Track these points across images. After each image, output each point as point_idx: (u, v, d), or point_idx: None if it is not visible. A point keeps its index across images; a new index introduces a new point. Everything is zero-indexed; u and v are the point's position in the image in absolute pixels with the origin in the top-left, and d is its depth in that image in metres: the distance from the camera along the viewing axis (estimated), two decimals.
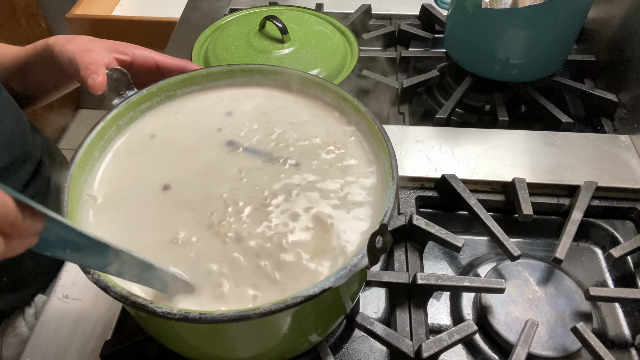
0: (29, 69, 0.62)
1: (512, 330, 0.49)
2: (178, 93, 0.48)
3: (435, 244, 0.58)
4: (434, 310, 0.54)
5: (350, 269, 0.32)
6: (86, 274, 0.32)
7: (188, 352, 0.41)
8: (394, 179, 0.38)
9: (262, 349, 0.39)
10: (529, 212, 0.56)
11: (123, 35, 1.25)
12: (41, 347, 0.48)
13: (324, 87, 0.47)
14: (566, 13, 0.64)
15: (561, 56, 0.71)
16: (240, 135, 0.46)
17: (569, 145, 0.65)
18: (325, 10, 0.89)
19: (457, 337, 0.46)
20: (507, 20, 0.65)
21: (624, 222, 0.60)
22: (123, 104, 0.44)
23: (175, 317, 0.30)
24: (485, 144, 0.65)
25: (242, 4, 0.92)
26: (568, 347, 0.48)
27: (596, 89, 0.73)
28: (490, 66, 0.71)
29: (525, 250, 0.58)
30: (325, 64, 0.67)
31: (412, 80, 0.75)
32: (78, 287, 0.52)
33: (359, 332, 0.50)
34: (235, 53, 0.68)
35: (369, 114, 0.43)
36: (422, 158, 0.63)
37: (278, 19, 0.68)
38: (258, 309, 0.30)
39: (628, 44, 0.71)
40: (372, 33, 0.84)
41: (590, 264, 0.58)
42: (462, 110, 0.77)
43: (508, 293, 0.52)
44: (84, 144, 0.41)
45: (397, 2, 0.93)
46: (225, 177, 0.42)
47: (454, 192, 0.58)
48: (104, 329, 0.49)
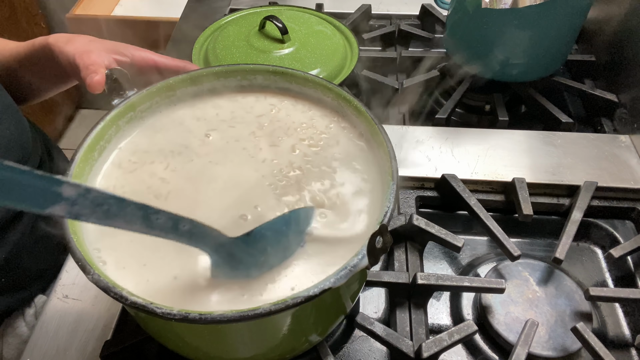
0: (26, 64, 0.62)
1: (512, 330, 0.49)
2: (178, 93, 0.48)
3: (435, 244, 0.58)
4: (434, 310, 0.54)
5: (350, 270, 0.32)
6: (86, 274, 0.32)
7: (188, 352, 0.41)
8: (394, 179, 0.38)
9: (262, 349, 0.39)
10: (529, 212, 0.56)
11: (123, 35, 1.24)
12: (41, 347, 0.48)
13: (324, 87, 0.47)
14: (566, 13, 0.64)
15: (561, 56, 0.71)
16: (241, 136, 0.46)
17: (569, 145, 0.65)
18: (325, 10, 0.88)
19: (457, 337, 0.46)
20: (507, 20, 0.65)
21: (624, 222, 0.60)
22: (123, 104, 0.44)
23: (175, 317, 0.30)
24: (485, 144, 0.65)
25: (242, 4, 0.92)
26: (568, 347, 0.48)
27: (596, 89, 0.73)
28: (490, 66, 0.71)
29: (525, 250, 0.58)
30: (325, 64, 0.67)
31: (412, 80, 0.75)
32: (78, 287, 0.52)
33: (359, 332, 0.50)
34: (235, 53, 0.68)
35: (369, 114, 0.43)
36: (422, 158, 0.63)
37: (278, 19, 0.68)
38: (258, 309, 0.30)
39: (628, 44, 0.71)
40: (372, 33, 0.84)
41: (590, 264, 0.58)
42: (462, 110, 0.77)
43: (508, 293, 0.52)
44: (84, 144, 0.41)
45: (397, 2, 0.93)
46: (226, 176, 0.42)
47: (454, 192, 0.58)
48: (104, 329, 0.49)
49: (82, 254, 0.33)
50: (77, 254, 0.33)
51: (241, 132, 0.46)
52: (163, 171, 0.43)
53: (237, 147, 0.45)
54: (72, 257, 0.33)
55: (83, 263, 0.32)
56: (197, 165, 0.44)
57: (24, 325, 0.62)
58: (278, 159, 0.44)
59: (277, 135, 0.46)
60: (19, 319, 0.62)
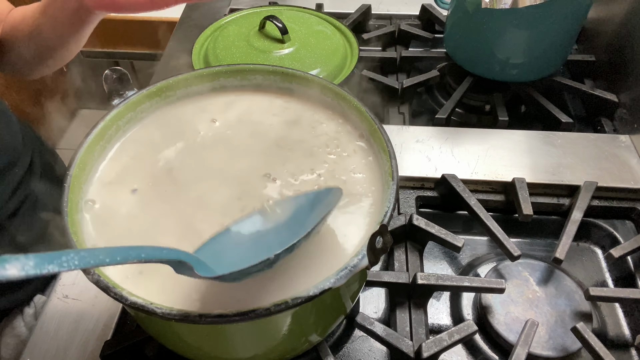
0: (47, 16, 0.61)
1: (512, 330, 0.49)
2: (178, 93, 0.48)
3: (435, 244, 0.58)
4: (434, 310, 0.54)
5: (350, 270, 0.32)
6: (86, 275, 0.32)
7: (188, 352, 0.41)
8: (394, 179, 0.38)
9: (262, 349, 0.39)
10: (529, 212, 0.56)
11: (123, 35, 1.25)
12: (41, 347, 0.48)
13: (324, 87, 0.47)
14: (566, 13, 0.64)
15: (561, 56, 0.71)
16: (241, 135, 0.46)
17: (569, 145, 0.65)
18: (325, 10, 0.88)
19: (457, 337, 0.46)
20: (507, 20, 0.65)
21: (624, 222, 0.60)
22: (123, 104, 0.44)
23: (175, 317, 0.30)
24: (485, 144, 0.65)
25: (242, 4, 0.92)
26: (568, 347, 0.48)
27: (596, 89, 0.73)
28: (490, 66, 0.71)
29: (525, 250, 0.58)
30: (325, 64, 0.67)
31: (412, 80, 0.75)
32: (78, 287, 0.52)
33: (359, 332, 0.50)
34: (235, 53, 0.68)
35: (369, 114, 0.43)
36: (422, 158, 0.63)
37: (278, 19, 0.68)
38: (258, 309, 0.30)
39: (628, 44, 0.71)
40: (372, 33, 0.84)
41: (590, 264, 0.58)
42: (462, 110, 0.77)
43: (508, 293, 0.52)
44: (84, 144, 0.41)
45: (397, 2, 0.93)
46: (226, 175, 0.42)
47: (454, 192, 0.58)
48: (104, 329, 0.49)
49: None
50: None
51: (241, 132, 0.46)
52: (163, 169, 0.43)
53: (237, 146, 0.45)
54: None
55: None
56: (197, 164, 0.44)
57: (22, 325, 0.62)
58: (278, 159, 0.44)
59: (277, 135, 0.46)
60: (18, 318, 0.62)
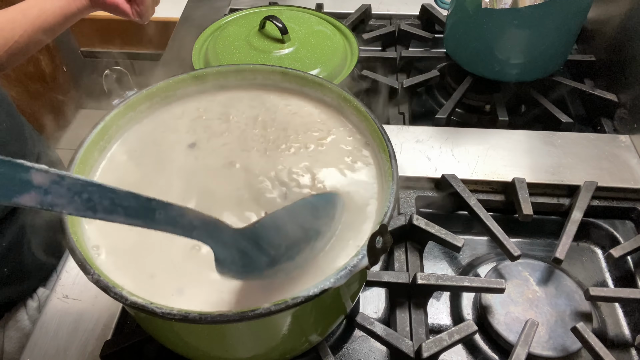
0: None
1: (512, 330, 0.49)
2: (178, 93, 0.48)
3: (435, 244, 0.58)
4: (434, 310, 0.54)
5: (350, 270, 0.32)
6: (86, 274, 0.32)
7: (188, 352, 0.41)
8: (394, 179, 0.38)
9: (262, 349, 0.39)
10: (529, 212, 0.56)
11: (123, 35, 1.25)
12: (41, 347, 0.48)
13: (324, 87, 0.47)
14: (566, 13, 0.64)
15: (561, 56, 0.71)
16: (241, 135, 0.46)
17: (569, 145, 0.65)
18: (325, 10, 0.89)
19: (457, 337, 0.46)
20: (507, 20, 0.65)
21: (624, 222, 0.60)
22: (123, 104, 0.44)
23: (175, 317, 0.30)
24: (485, 144, 0.65)
25: (242, 4, 0.92)
26: (568, 347, 0.48)
27: (596, 89, 0.73)
28: (490, 66, 0.71)
29: (525, 250, 0.58)
30: (325, 64, 0.67)
31: (412, 80, 0.75)
32: (78, 287, 0.52)
33: (359, 332, 0.50)
34: (235, 53, 0.68)
35: (369, 114, 0.43)
36: (422, 158, 0.63)
37: (278, 19, 0.68)
38: (258, 309, 0.30)
39: (628, 44, 0.71)
40: (372, 33, 0.84)
41: (590, 264, 0.58)
42: (462, 110, 0.77)
43: (508, 293, 0.52)
44: (84, 144, 0.41)
45: (397, 2, 0.93)
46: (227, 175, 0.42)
47: (454, 192, 0.58)
48: (104, 329, 0.49)
49: (83, 254, 0.33)
50: (77, 254, 0.33)
51: (241, 132, 0.46)
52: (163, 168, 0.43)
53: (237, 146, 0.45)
54: (72, 257, 0.33)
55: (83, 263, 0.32)
56: (197, 164, 0.44)
57: (26, 318, 0.62)
58: (277, 158, 0.44)
59: (276, 134, 0.46)
60: (21, 312, 0.62)
